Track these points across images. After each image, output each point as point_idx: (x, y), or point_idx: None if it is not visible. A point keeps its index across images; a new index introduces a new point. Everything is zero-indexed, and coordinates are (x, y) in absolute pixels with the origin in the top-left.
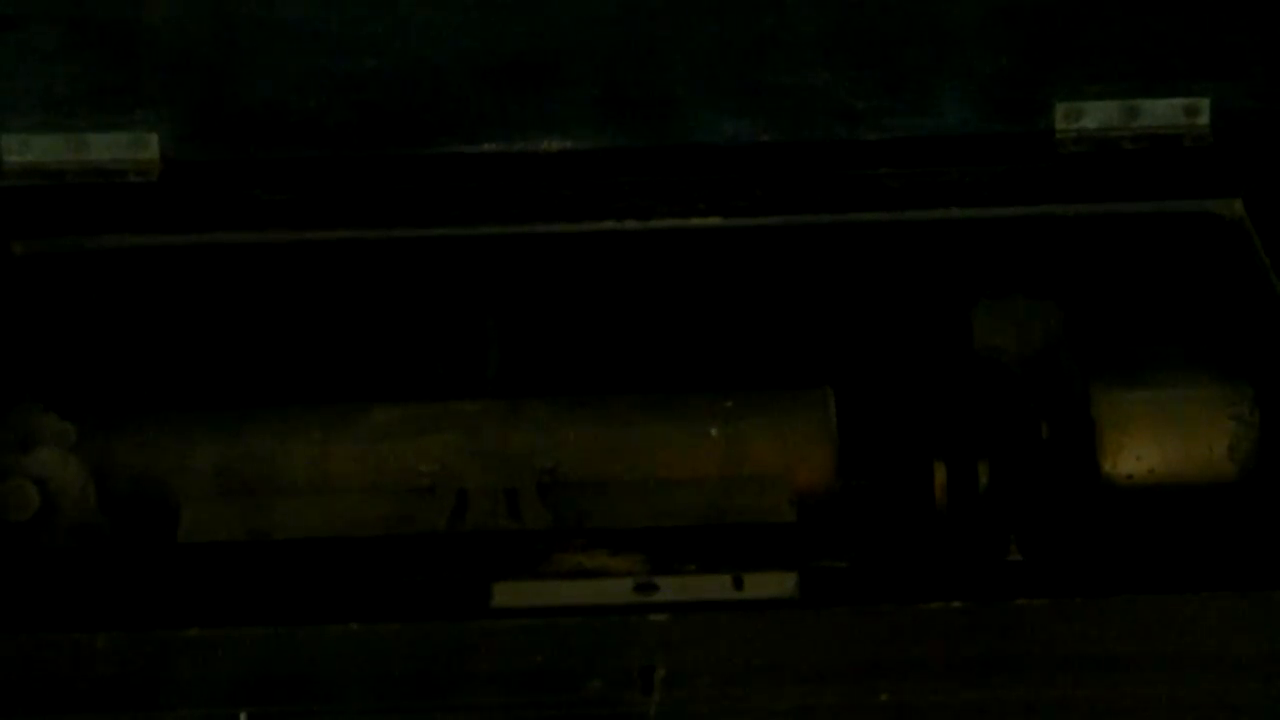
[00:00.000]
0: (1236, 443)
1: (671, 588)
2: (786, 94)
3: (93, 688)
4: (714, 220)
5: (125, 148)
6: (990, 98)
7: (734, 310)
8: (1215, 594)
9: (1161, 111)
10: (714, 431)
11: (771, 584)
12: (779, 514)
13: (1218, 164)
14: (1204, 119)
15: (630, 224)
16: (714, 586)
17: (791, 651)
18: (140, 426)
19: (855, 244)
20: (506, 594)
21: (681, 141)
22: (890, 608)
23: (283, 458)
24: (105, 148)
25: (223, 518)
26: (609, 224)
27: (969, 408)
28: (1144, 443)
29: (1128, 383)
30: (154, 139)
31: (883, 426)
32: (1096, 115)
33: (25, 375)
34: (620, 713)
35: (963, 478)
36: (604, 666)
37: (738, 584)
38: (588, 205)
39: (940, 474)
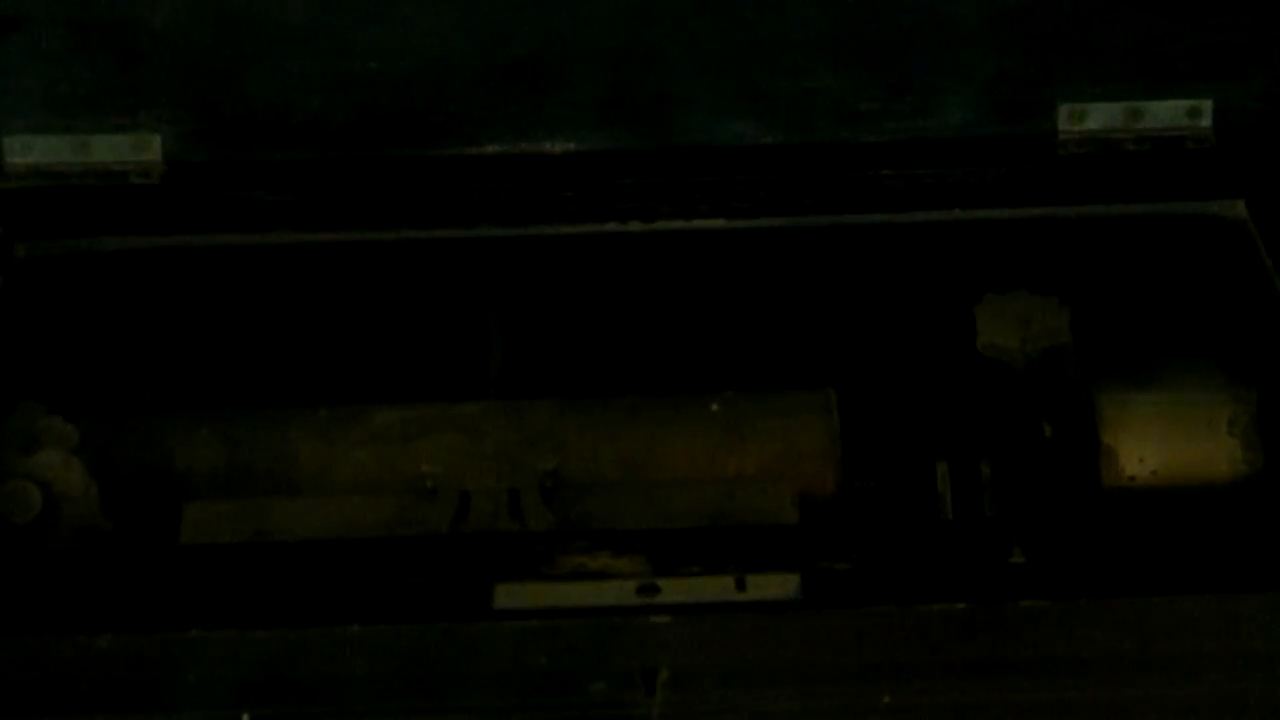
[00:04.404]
0: (1239, 444)
1: (674, 589)
2: (789, 96)
3: (96, 689)
4: (717, 222)
5: (128, 149)
6: (993, 99)
7: (737, 312)
8: (1218, 595)
9: (1164, 113)
10: (716, 433)
11: (774, 585)
12: (782, 515)
13: (1220, 165)
14: (1206, 120)
15: (633, 225)
16: (716, 588)
17: (794, 653)
18: (143, 428)
19: (858, 245)
20: (508, 595)
21: (684, 143)
22: (893, 609)
23: (285, 459)
24: (108, 149)
25: (225, 519)
26: (612, 225)
27: (972, 409)
28: (1147, 444)
29: (1131, 384)
30: (156, 140)
31: (885, 428)
32: (1099, 117)
33: (28, 377)
34: (622, 714)
35: (965, 479)
36: (606, 668)
37: (740, 585)
38: (590, 207)
39: (943, 475)
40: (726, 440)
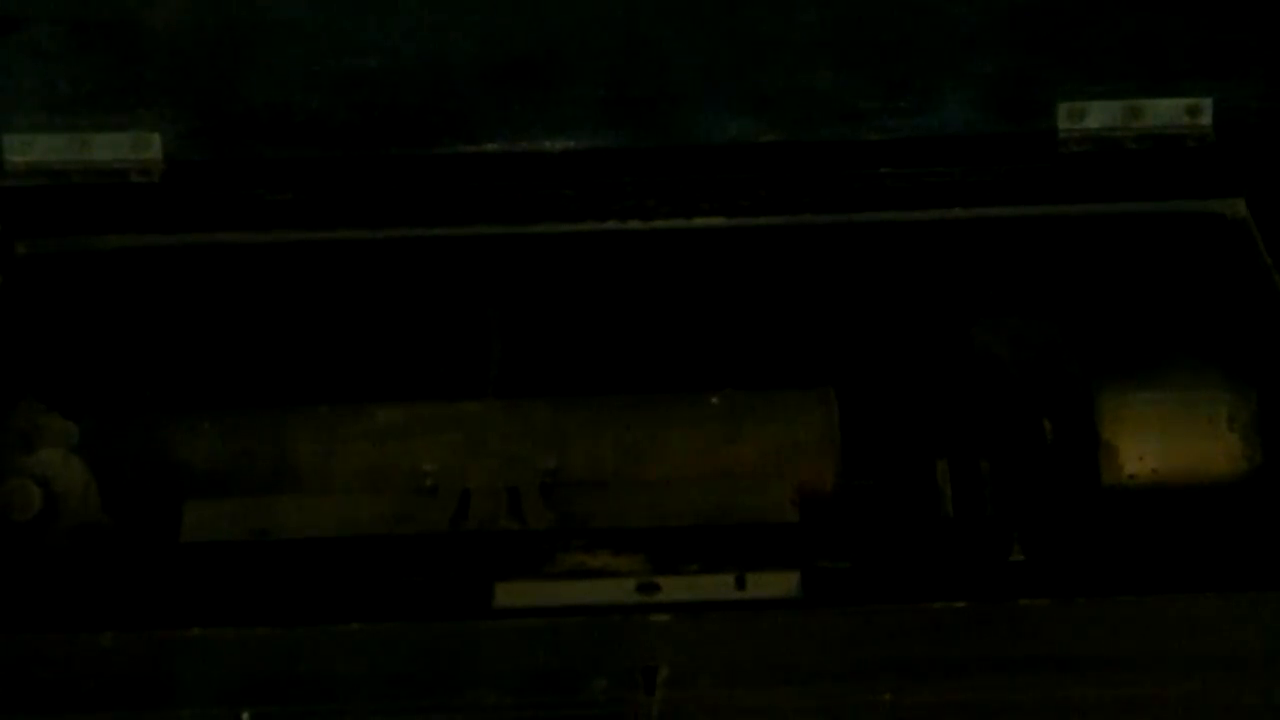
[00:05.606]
0: (1239, 442)
1: (674, 588)
2: (789, 94)
3: (96, 687)
4: (717, 220)
5: (128, 148)
6: (993, 98)
7: (737, 310)
8: (1217, 594)
9: (1164, 111)
10: (716, 431)
11: (774, 584)
12: (781, 514)
13: (1220, 164)
14: (1206, 119)
15: (633, 224)
16: (716, 586)
17: (794, 651)
18: (143, 426)
19: (858, 244)
20: (509, 594)
21: (684, 141)
22: (893, 608)
23: (286, 457)
24: (108, 148)
25: (225, 517)
26: (612, 224)
27: (972, 407)
28: (1146, 443)
29: (1130, 383)
30: (156, 139)
31: (885, 426)
32: (1099, 115)
33: (28, 375)
34: (622, 713)
35: (965, 477)
36: (606, 666)
37: (740, 584)
38: (590, 205)
39: (943, 473)
40: (726, 438)
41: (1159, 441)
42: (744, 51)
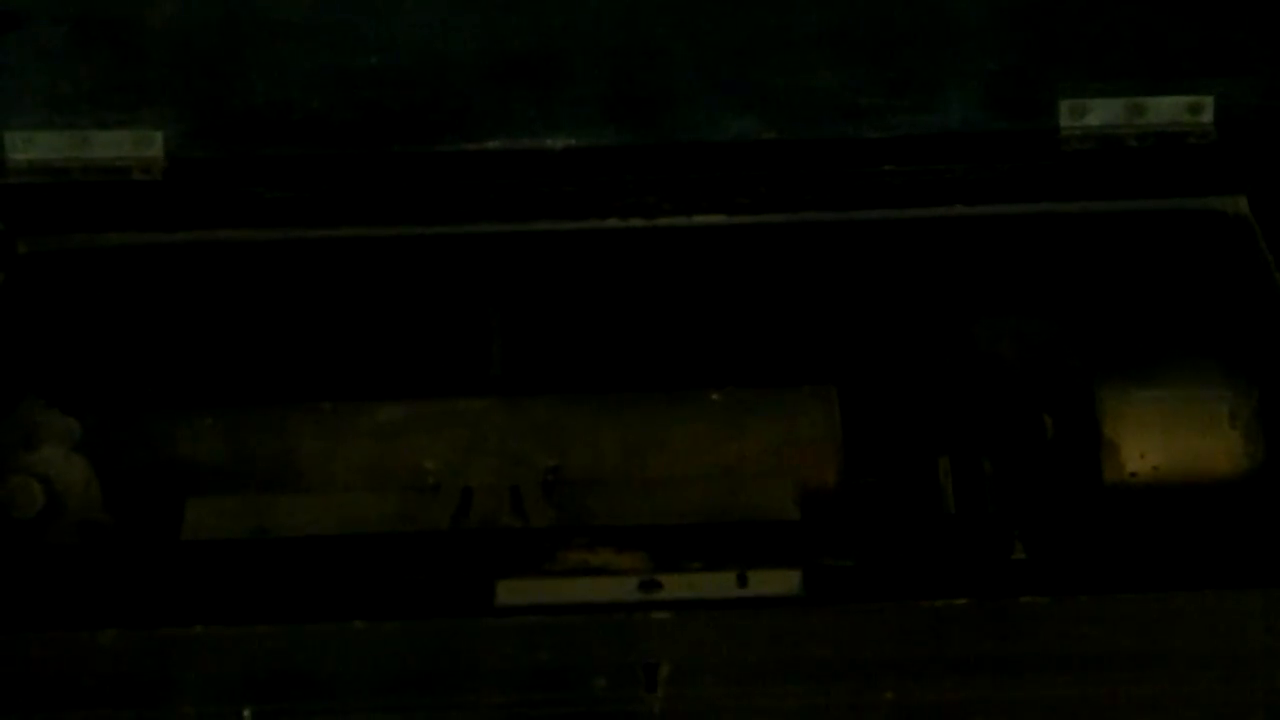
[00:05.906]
0: (1240, 440)
1: (676, 585)
2: (791, 92)
3: (97, 685)
4: (718, 218)
5: (130, 145)
6: (995, 95)
7: (738, 308)
8: (1218, 592)
9: (1166, 109)
10: (718, 429)
11: (776, 582)
12: (783, 511)
13: (1222, 161)
14: (1208, 116)
15: (634, 221)
16: (718, 584)
17: (796, 649)
18: (144, 424)
19: (859, 242)
20: (510, 591)
21: (685, 139)
22: (895, 605)
23: (287, 455)
24: (110, 145)
25: (227, 515)
26: (613, 221)
27: (973, 404)
28: (1148, 440)
29: (1132, 380)
30: (158, 136)
31: (887, 424)
32: (1101, 113)
33: (31, 373)
34: (624, 710)
35: (967, 475)
36: (608, 664)
37: (742, 581)
38: (592, 203)
39: (944, 471)
40: (728, 436)
41: (1160, 439)
42: (745, 49)
